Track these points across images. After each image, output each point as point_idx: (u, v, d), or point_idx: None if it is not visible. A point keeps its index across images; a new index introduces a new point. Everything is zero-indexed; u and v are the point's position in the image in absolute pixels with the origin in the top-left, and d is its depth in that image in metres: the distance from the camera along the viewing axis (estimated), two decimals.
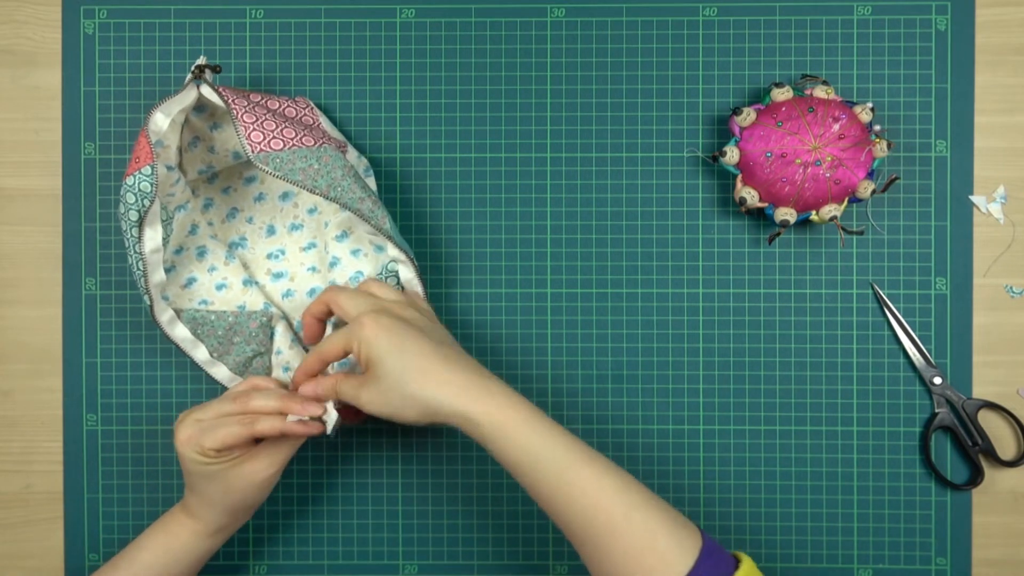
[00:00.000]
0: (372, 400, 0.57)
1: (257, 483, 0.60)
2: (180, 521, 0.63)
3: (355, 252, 0.67)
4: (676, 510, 0.56)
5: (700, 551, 0.53)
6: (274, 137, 0.61)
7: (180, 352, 0.69)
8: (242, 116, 0.61)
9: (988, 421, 0.69)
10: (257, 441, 0.61)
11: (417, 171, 0.70)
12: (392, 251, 0.63)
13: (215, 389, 0.69)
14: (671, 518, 0.54)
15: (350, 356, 0.61)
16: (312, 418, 0.59)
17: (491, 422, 0.55)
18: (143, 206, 0.59)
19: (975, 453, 0.68)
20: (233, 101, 0.61)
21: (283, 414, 0.59)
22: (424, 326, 0.59)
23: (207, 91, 0.62)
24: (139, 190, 0.59)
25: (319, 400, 0.60)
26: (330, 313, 0.62)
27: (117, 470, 0.70)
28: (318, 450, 0.70)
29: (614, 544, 0.53)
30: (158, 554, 0.62)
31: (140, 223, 0.60)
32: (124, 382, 0.70)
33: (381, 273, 0.65)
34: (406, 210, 0.70)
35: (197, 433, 0.59)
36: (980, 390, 0.69)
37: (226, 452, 0.59)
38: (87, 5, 0.70)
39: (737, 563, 0.54)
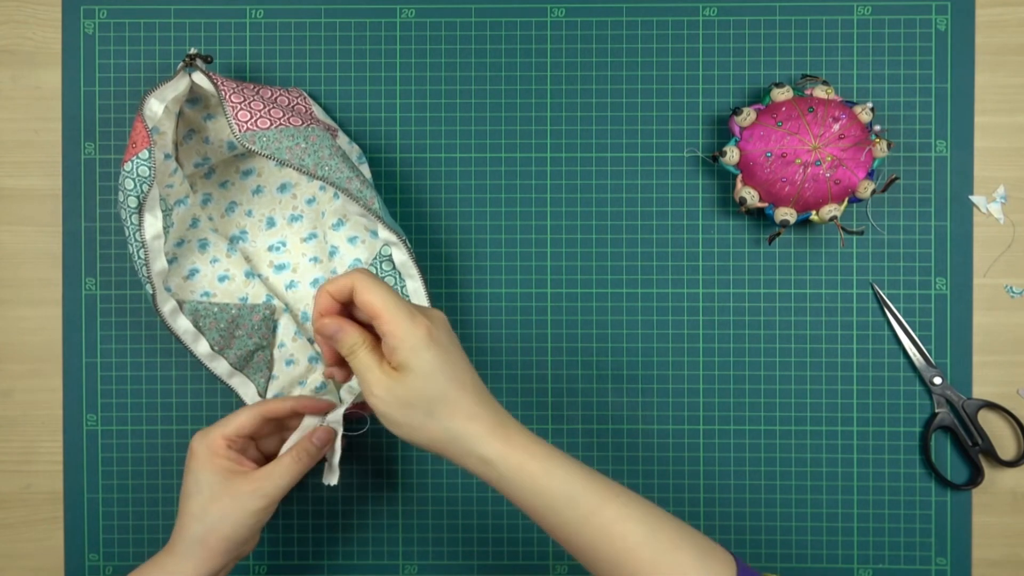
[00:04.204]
0: (386, 400, 0.53)
1: (250, 512, 0.58)
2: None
3: (352, 240, 0.67)
4: (708, 539, 0.54)
5: None
6: (261, 116, 0.61)
7: (180, 350, 0.69)
8: (230, 97, 0.61)
9: (988, 421, 0.69)
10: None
11: (417, 171, 0.70)
12: (384, 233, 0.63)
13: (215, 388, 0.69)
14: (702, 551, 0.53)
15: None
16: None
17: (507, 465, 0.53)
18: (142, 191, 0.59)
19: (975, 453, 0.68)
20: (222, 83, 0.62)
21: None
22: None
23: (199, 77, 0.62)
24: (137, 175, 0.59)
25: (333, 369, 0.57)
26: (349, 300, 0.55)
27: (117, 470, 0.70)
28: None
29: None
30: None
31: (139, 209, 0.60)
32: (124, 382, 0.70)
33: (376, 258, 0.65)
34: (406, 210, 0.70)
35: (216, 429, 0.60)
36: (980, 390, 0.69)
37: (243, 443, 0.61)
38: (87, 5, 0.70)
39: None
